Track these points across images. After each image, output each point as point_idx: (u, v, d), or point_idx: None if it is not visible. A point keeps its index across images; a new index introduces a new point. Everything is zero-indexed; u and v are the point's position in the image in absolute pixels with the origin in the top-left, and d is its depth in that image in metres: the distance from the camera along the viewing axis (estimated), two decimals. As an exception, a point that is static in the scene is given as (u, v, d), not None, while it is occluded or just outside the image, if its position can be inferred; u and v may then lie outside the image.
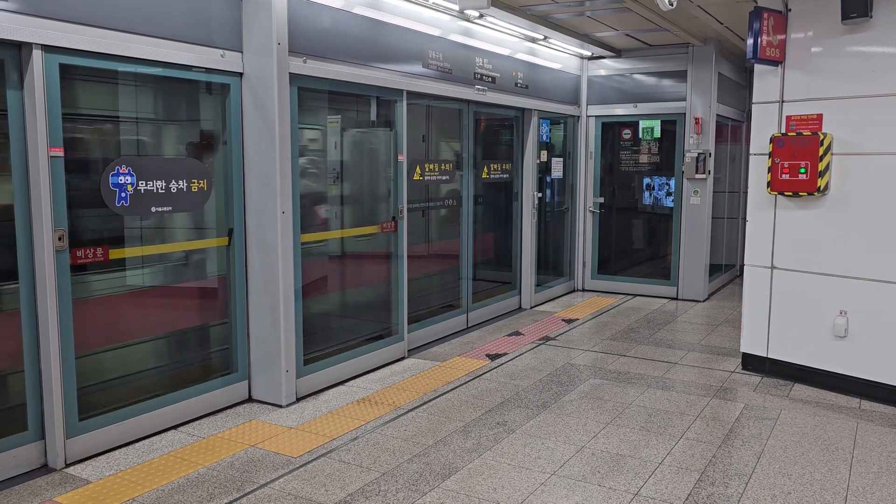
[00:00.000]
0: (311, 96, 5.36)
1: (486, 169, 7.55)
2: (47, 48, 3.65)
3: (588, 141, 9.32)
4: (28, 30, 3.55)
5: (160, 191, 4.24)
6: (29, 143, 3.68)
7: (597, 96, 9.22)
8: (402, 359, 6.11)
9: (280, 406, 4.89)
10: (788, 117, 5.39)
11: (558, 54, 8.54)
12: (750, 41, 5.31)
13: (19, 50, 3.62)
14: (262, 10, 4.60)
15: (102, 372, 4.49)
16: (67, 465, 3.91)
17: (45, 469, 3.87)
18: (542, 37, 7.68)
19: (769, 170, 5.38)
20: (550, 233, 9.13)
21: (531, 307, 8.31)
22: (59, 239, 3.77)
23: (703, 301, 8.79)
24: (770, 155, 5.37)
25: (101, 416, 4.12)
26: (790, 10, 5.36)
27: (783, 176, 5.31)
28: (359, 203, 6.33)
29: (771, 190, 5.40)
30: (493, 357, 6.19)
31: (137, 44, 4.05)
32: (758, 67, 5.54)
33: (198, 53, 4.42)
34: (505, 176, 7.95)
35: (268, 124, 4.68)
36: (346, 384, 5.41)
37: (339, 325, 6.08)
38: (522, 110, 8.05)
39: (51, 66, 3.67)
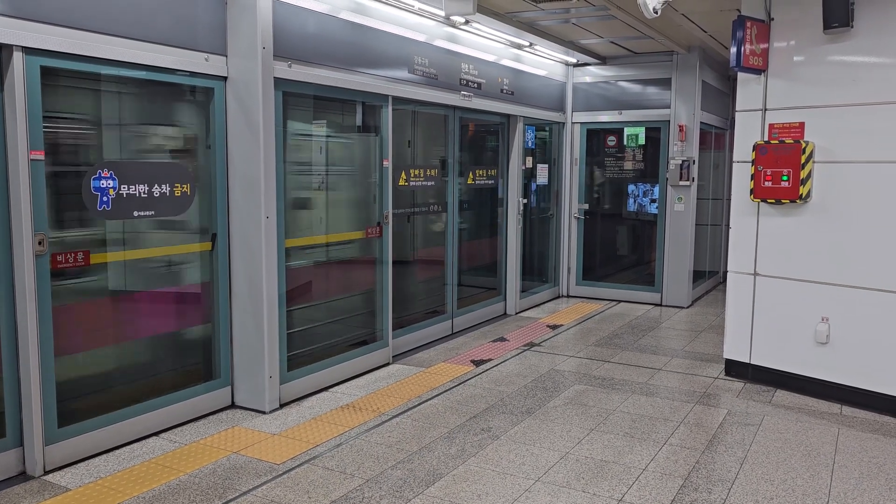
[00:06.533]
0: (296, 101, 5.34)
1: (471, 175, 7.56)
2: (28, 50, 3.61)
3: (573, 147, 9.36)
4: (8, 32, 3.51)
5: (142, 195, 4.20)
6: (9, 146, 3.64)
7: (582, 103, 9.27)
8: (387, 364, 6.09)
9: (263, 412, 4.86)
10: (771, 125, 5.44)
11: (544, 61, 8.58)
12: (733, 49, 5.36)
13: (-1, 52, 3.59)
14: (247, 14, 4.58)
15: (83, 377, 4.43)
16: (46, 473, 3.86)
17: (23, 476, 3.81)
18: (527, 43, 7.71)
19: (752, 177, 5.43)
20: (535, 239, 9.15)
21: (516, 313, 8.32)
22: (40, 243, 3.72)
23: (687, 307, 8.84)
24: (753, 162, 5.41)
25: (81, 422, 4.06)
26: (773, 19, 5.42)
27: (766, 183, 5.35)
28: (343, 208, 6.30)
29: (754, 197, 5.44)
30: (477, 363, 6.18)
31: (120, 46, 4.02)
32: (741, 76, 5.59)
33: (181, 56, 4.39)
34: (490, 182, 7.96)
35: (252, 129, 4.66)
36: (330, 390, 5.38)
37: (324, 331, 6.04)
38: (508, 116, 8.07)
39: (32, 69, 3.63)
